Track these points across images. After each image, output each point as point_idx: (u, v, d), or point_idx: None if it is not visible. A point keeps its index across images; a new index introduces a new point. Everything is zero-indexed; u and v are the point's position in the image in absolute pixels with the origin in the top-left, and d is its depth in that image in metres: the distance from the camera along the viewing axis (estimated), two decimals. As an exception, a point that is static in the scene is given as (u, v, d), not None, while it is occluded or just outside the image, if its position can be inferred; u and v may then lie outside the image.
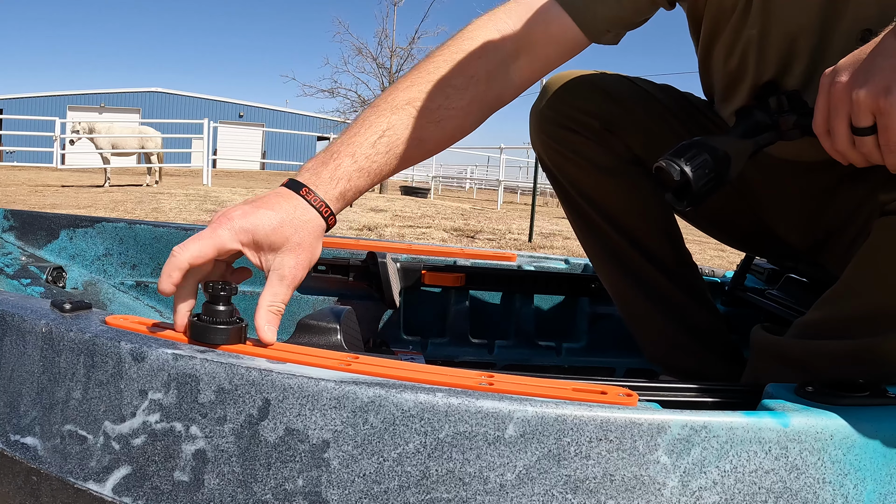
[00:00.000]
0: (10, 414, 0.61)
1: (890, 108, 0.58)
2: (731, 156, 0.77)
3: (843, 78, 0.62)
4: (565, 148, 1.02)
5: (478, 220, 7.44)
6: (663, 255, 1.06)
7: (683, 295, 1.07)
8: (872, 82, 0.59)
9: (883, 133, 0.60)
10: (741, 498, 0.55)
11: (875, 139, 0.61)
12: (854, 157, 0.64)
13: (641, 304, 1.08)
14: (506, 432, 0.53)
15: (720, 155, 0.76)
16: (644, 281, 1.06)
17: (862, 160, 0.64)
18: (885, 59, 0.58)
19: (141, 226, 1.33)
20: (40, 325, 0.62)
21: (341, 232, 5.22)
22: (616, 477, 0.54)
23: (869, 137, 0.61)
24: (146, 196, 7.80)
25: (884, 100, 0.58)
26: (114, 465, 0.57)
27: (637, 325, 1.12)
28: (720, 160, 0.76)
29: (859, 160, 0.64)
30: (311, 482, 0.54)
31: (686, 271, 1.09)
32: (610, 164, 1.01)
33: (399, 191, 15.23)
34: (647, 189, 1.03)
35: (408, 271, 1.38)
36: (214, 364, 0.57)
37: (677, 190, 0.77)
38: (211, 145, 11.42)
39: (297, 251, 0.66)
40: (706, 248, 5.70)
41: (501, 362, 1.39)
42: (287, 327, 1.34)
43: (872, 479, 0.57)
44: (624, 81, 1.04)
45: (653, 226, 1.05)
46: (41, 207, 5.80)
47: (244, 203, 0.67)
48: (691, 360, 1.09)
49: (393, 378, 0.57)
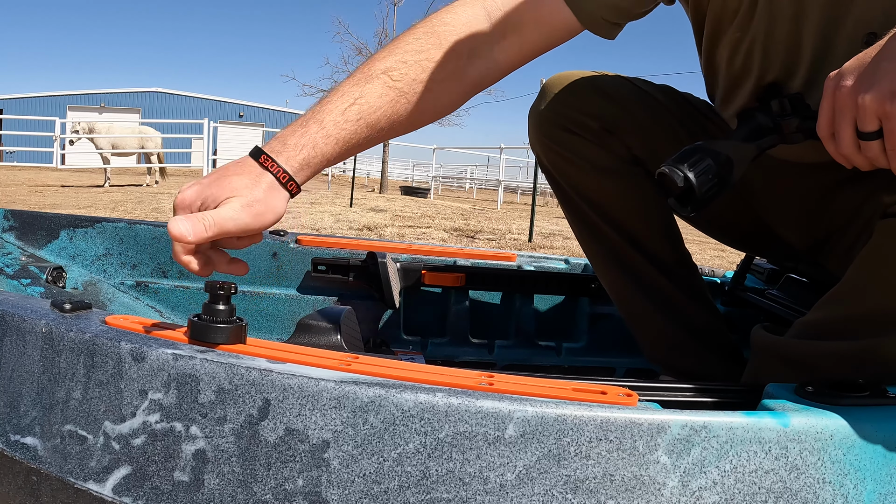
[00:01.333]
0: (10, 414, 0.61)
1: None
2: (734, 160, 0.77)
3: (849, 82, 0.61)
4: (564, 149, 1.02)
5: (478, 220, 7.44)
6: (663, 255, 1.06)
7: (683, 295, 1.07)
8: (878, 86, 0.58)
9: (889, 137, 0.59)
10: (741, 498, 0.55)
11: (881, 143, 0.60)
12: (859, 161, 0.64)
13: (641, 305, 1.08)
14: (506, 432, 0.53)
15: (723, 160, 0.76)
16: (644, 281, 1.06)
17: (867, 164, 0.63)
18: (891, 63, 0.58)
19: (141, 226, 1.33)
20: (40, 325, 0.62)
21: (341, 232, 5.22)
22: (616, 477, 0.54)
23: (875, 142, 0.61)
24: (146, 196, 7.80)
25: (890, 104, 0.57)
26: (114, 465, 0.57)
27: (637, 326, 1.12)
28: (723, 165, 0.76)
29: (864, 164, 0.64)
30: (311, 482, 0.54)
31: (686, 271, 1.09)
32: (609, 164, 1.01)
33: (399, 191, 15.24)
34: (646, 190, 1.03)
35: (408, 271, 1.38)
36: (214, 364, 0.57)
37: (681, 195, 0.76)
38: (211, 145, 11.43)
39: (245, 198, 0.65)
40: (706, 248, 5.70)
41: (501, 362, 1.39)
42: (287, 327, 1.34)
43: (872, 479, 0.57)
44: (623, 82, 1.03)
45: (652, 226, 1.05)
46: (41, 207, 5.81)
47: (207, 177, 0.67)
48: (691, 359, 1.09)
49: (393, 378, 0.57)
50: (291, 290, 1.36)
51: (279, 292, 1.35)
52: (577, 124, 1.00)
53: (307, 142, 0.70)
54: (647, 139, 1.00)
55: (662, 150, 1.00)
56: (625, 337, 1.41)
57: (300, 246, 1.37)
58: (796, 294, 1.27)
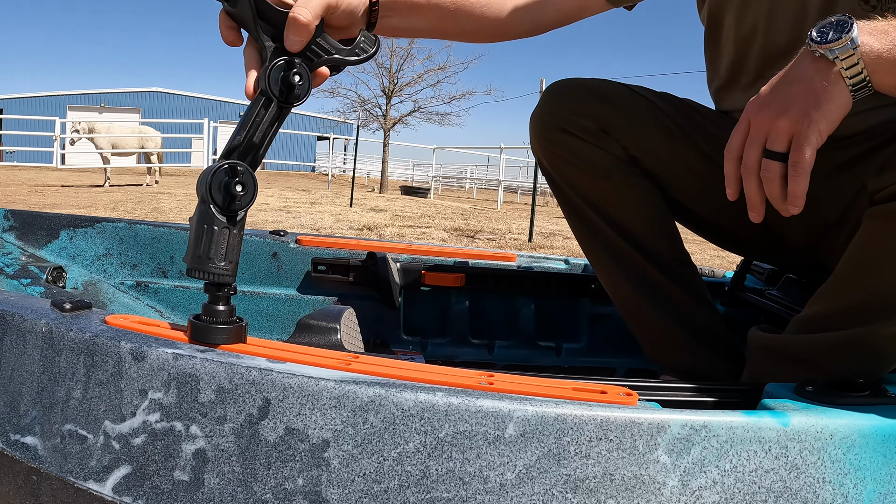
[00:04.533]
0: (11, 413, 0.61)
1: (808, 132, 0.64)
2: None
3: (767, 108, 0.67)
4: (563, 150, 1.04)
5: (478, 220, 7.44)
6: (662, 254, 1.07)
7: (683, 294, 1.07)
8: (792, 111, 0.64)
9: (794, 152, 0.65)
10: (741, 497, 0.55)
11: (782, 166, 0.66)
12: (750, 184, 0.68)
13: (641, 303, 1.08)
14: (506, 432, 0.53)
15: None
16: (643, 280, 1.07)
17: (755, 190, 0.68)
18: (800, 85, 0.65)
19: (141, 226, 1.33)
20: (40, 324, 0.62)
21: (341, 232, 5.23)
22: (616, 476, 0.54)
23: (776, 163, 0.66)
24: (146, 196, 7.81)
25: (800, 124, 0.64)
26: (114, 464, 0.57)
27: (637, 324, 1.12)
28: None
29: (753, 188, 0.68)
30: (312, 482, 0.54)
31: (685, 271, 1.09)
32: (607, 164, 1.03)
33: (399, 191, 15.24)
34: (644, 189, 1.04)
35: (408, 271, 1.38)
36: (214, 363, 0.57)
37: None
38: (211, 145, 11.43)
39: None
40: (706, 248, 5.70)
41: (501, 363, 1.39)
42: (287, 328, 1.34)
43: (872, 479, 0.57)
44: (618, 85, 1.05)
45: (651, 225, 1.06)
46: (41, 207, 5.81)
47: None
48: (691, 358, 1.09)
49: (393, 377, 0.57)
50: (291, 291, 1.36)
51: (279, 292, 1.35)
52: (574, 126, 1.02)
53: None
54: (641, 139, 1.02)
55: (658, 150, 1.02)
56: (625, 337, 1.41)
57: (300, 246, 1.37)
58: (796, 294, 1.27)
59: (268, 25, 0.68)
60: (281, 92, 0.66)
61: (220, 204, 0.63)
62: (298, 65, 0.66)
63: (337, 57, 0.70)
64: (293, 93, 0.67)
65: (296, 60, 0.67)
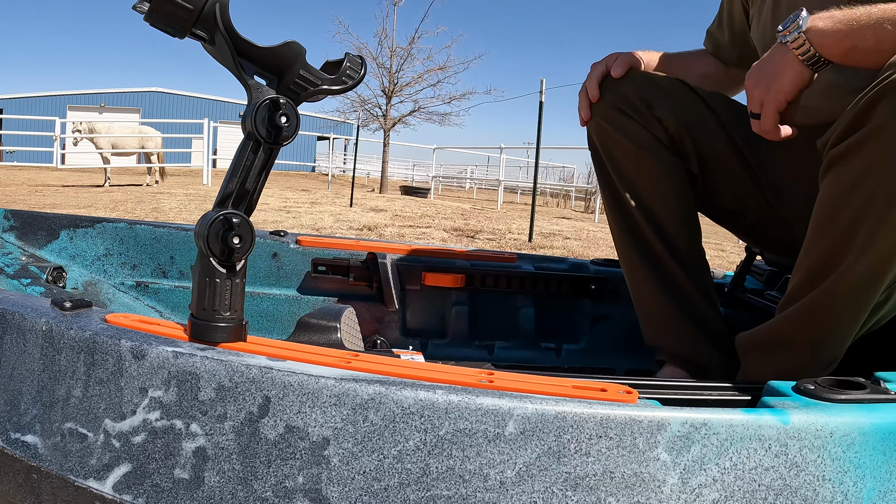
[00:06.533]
0: (11, 412, 0.61)
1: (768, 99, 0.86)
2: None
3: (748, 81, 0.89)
4: (612, 126, 1.12)
5: (478, 220, 7.44)
6: (679, 242, 1.12)
7: (692, 285, 1.11)
8: (760, 84, 0.88)
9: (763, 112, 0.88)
10: (741, 495, 0.55)
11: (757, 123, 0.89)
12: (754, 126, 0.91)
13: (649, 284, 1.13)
14: (506, 429, 0.54)
15: None
16: (656, 262, 1.12)
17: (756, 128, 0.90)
18: (769, 64, 0.86)
19: (141, 226, 1.33)
20: (41, 323, 0.62)
21: (341, 232, 5.23)
22: (616, 474, 0.54)
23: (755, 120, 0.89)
24: (146, 196, 7.81)
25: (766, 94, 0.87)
26: (114, 462, 0.57)
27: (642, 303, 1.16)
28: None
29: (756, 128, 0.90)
30: (312, 479, 0.54)
31: (698, 265, 1.15)
32: (646, 141, 1.10)
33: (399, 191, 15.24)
34: (678, 170, 1.12)
35: (408, 271, 1.38)
36: (214, 361, 0.57)
37: None
38: (211, 145, 11.43)
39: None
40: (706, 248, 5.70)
41: (501, 363, 1.39)
42: (287, 328, 1.34)
43: (872, 477, 0.57)
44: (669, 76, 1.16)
45: (675, 212, 1.12)
46: (41, 207, 5.81)
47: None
48: (689, 345, 1.10)
49: (393, 375, 0.57)
50: (292, 291, 1.36)
51: (279, 293, 1.35)
52: (626, 103, 1.11)
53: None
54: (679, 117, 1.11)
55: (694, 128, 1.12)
56: (625, 338, 1.41)
57: (300, 246, 1.37)
58: (796, 293, 1.27)
59: (248, 63, 0.67)
60: (269, 133, 0.66)
61: (218, 256, 0.63)
62: (284, 104, 0.66)
63: (324, 88, 0.70)
64: (281, 134, 0.66)
65: (280, 100, 0.66)
